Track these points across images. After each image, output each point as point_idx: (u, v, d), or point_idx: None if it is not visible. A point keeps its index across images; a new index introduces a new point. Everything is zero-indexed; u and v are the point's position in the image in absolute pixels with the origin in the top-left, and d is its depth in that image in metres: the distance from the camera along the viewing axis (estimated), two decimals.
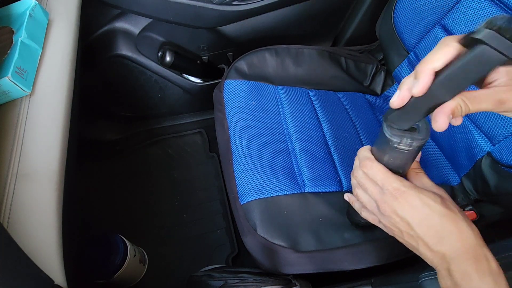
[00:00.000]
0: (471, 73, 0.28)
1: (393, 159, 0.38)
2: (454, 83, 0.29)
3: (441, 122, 0.30)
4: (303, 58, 0.78)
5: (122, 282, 0.76)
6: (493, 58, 0.26)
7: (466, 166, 0.59)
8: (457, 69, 0.28)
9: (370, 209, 0.41)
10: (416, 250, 0.37)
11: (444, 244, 0.34)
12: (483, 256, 0.33)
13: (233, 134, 0.64)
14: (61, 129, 0.45)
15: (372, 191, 0.39)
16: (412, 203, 0.36)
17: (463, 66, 0.28)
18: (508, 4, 0.52)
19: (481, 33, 0.26)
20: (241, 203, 0.57)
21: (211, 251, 0.88)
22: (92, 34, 0.80)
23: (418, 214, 0.35)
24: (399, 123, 0.34)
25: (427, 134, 0.35)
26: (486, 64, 0.27)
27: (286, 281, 0.56)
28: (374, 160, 0.39)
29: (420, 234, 0.35)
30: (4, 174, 0.39)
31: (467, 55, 0.27)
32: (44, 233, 0.37)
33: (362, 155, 0.42)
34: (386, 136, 0.35)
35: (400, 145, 0.35)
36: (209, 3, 0.76)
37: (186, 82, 0.95)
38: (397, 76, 0.76)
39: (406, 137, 0.34)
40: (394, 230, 0.38)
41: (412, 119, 0.34)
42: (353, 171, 0.43)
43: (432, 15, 0.63)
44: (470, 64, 0.27)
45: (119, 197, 0.95)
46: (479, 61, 0.27)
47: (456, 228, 0.34)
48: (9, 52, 0.46)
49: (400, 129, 0.35)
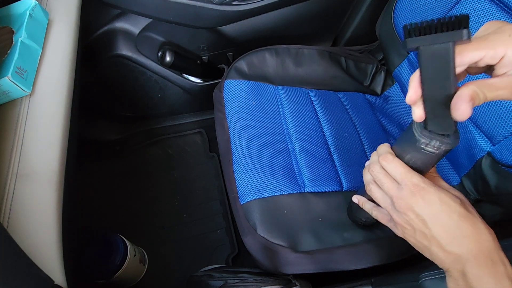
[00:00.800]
0: (438, 68, 0.30)
1: (415, 160, 0.37)
2: (434, 81, 0.31)
3: (462, 109, 0.29)
4: (303, 58, 0.78)
5: (122, 282, 0.76)
6: (437, 50, 0.29)
7: (466, 166, 0.59)
8: (423, 70, 0.31)
9: (384, 205, 0.40)
10: (427, 250, 0.36)
11: (459, 245, 0.33)
12: (500, 261, 0.32)
13: (233, 134, 0.64)
14: (61, 129, 0.45)
15: (388, 186, 0.38)
16: (430, 201, 0.35)
17: (424, 67, 0.31)
18: (508, 4, 0.52)
19: (407, 43, 0.30)
20: (241, 203, 0.57)
21: (211, 251, 0.88)
22: (92, 34, 0.80)
23: (435, 212, 0.34)
24: (433, 127, 0.34)
25: (456, 141, 0.34)
26: (439, 58, 0.29)
27: (286, 281, 0.56)
28: (395, 156, 0.39)
29: (435, 233, 0.34)
30: (4, 174, 0.39)
31: (420, 59, 0.30)
32: (44, 233, 0.37)
33: (383, 149, 0.40)
34: (415, 135, 0.35)
35: (428, 147, 0.34)
36: (209, 3, 0.76)
37: (186, 82, 0.95)
38: (397, 76, 0.76)
39: (436, 139, 0.34)
40: (406, 228, 0.37)
41: (443, 124, 0.33)
42: (369, 166, 0.42)
43: (432, 15, 0.63)
44: (428, 63, 0.30)
45: (119, 197, 0.95)
46: (431, 58, 0.30)
47: (474, 230, 0.33)
48: (9, 52, 0.46)
49: (430, 131, 0.34)
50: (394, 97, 0.79)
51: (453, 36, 0.28)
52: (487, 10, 0.54)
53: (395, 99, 0.79)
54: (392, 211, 0.39)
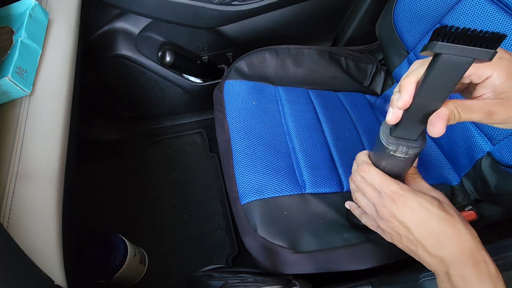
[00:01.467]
0: (445, 80, 0.29)
1: (391, 166, 0.38)
2: (434, 92, 0.30)
3: (439, 127, 0.30)
4: (303, 58, 0.78)
5: (122, 282, 0.76)
6: (456, 62, 0.27)
7: (466, 166, 0.59)
8: (431, 78, 0.29)
9: (369, 213, 0.41)
10: (415, 255, 0.37)
11: (442, 247, 0.34)
12: (482, 260, 0.32)
13: (233, 134, 0.64)
14: (61, 129, 0.45)
15: (370, 195, 0.39)
16: (410, 207, 0.35)
17: (435, 75, 0.29)
18: (508, 4, 0.52)
19: (435, 46, 0.27)
20: (241, 204, 0.57)
21: (211, 251, 0.88)
22: (92, 34, 0.80)
23: (416, 217, 0.35)
24: (400, 133, 0.34)
25: (423, 143, 0.34)
26: (453, 69, 0.28)
27: (286, 281, 0.56)
28: (371, 165, 0.39)
29: (419, 237, 0.35)
30: (4, 174, 0.39)
31: (434, 66, 0.28)
32: (44, 233, 0.37)
33: (360, 159, 0.42)
34: (382, 143, 0.35)
35: (396, 153, 0.35)
36: (209, 3, 0.76)
37: (186, 82, 0.95)
38: (397, 76, 0.76)
39: (402, 145, 0.34)
40: (393, 234, 0.38)
41: (412, 131, 0.34)
42: (352, 175, 0.43)
43: (432, 15, 0.63)
44: (440, 72, 0.28)
45: (119, 197, 0.95)
46: (445, 68, 0.28)
47: (454, 231, 0.34)
48: (9, 52, 0.46)
49: (396, 137, 0.34)
50: None
51: (481, 53, 0.26)
52: (487, 10, 0.54)
53: None
54: (377, 219, 0.39)
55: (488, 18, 0.54)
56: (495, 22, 0.53)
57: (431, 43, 0.27)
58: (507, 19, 0.52)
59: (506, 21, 0.52)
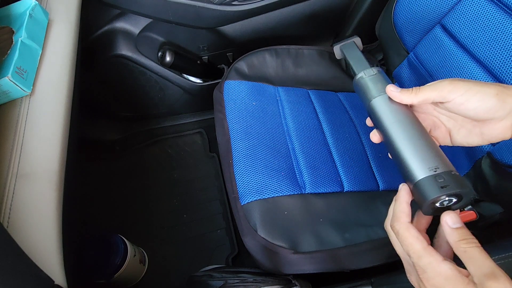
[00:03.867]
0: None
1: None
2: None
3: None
4: (303, 58, 0.78)
5: (122, 282, 0.76)
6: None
7: (466, 166, 0.59)
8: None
9: (403, 261, 0.37)
10: None
11: None
12: None
13: (233, 134, 0.64)
14: (61, 129, 0.45)
15: (400, 253, 0.35)
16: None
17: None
18: (508, 4, 0.52)
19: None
20: (241, 204, 0.57)
21: (211, 251, 0.88)
22: (92, 34, 0.80)
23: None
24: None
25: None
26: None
27: (286, 281, 0.56)
28: (403, 223, 0.34)
29: None
30: (4, 174, 0.39)
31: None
32: (44, 233, 0.37)
33: (394, 210, 0.36)
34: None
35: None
36: (209, 3, 0.76)
37: (186, 82, 0.95)
38: (397, 76, 0.76)
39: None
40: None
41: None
42: (385, 222, 0.38)
43: (432, 15, 0.63)
44: None
45: (119, 197, 0.95)
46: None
47: None
48: (9, 52, 0.46)
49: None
50: None
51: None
52: (487, 10, 0.54)
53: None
54: (412, 272, 0.35)
55: (488, 18, 0.54)
56: (495, 22, 0.53)
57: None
58: (507, 19, 0.52)
59: (506, 21, 0.52)
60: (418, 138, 0.36)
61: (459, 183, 0.32)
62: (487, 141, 0.36)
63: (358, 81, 0.45)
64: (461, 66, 0.57)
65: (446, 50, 0.60)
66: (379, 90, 0.41)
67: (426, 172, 0.33)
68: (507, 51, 0.51)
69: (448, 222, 0.32)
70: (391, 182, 0.65)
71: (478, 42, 0.55)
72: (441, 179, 0.32)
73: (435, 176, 0.33)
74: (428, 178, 0.33)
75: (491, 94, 0.32)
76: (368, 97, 0.42)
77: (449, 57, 0.60)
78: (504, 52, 0.51)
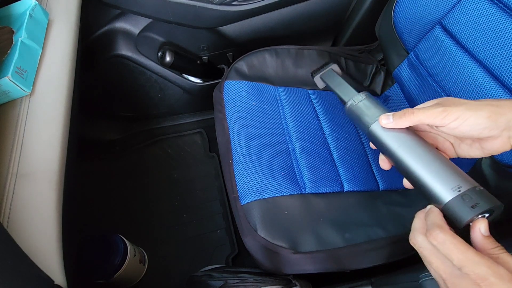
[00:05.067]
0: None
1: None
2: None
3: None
4: (303, 58, 0.78)
5: (122, 282, 0.76)
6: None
7: (466, 166, 0.59)
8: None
9: (435, 278, 0.34)
10: None
11: None
12: None
13: (233, 135, 0.64)
14: (61, 129, 0.45)
15: (439, 267, 0.32)
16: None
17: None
18: (508, 4, 0.52)
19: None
20: (241, 204, 0.57)
21: (211, 251, 0.88)
22: (92, 34, 0.80)
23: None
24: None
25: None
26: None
27: (286, 281, 0.56)
28: (447, 231, 0.31)
29: None
30: (4, 174, 0.39)
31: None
32: (44, 233, 0.37)
33: (431, 220, 0.33)
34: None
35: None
36: (209, 3, 0.76)
37: (186, 82, 0.95)
38: (397, 76, 0.76)
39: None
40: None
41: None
42: (413, 235, 0.34)
43: (432, 15, 0.63)
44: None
45: (119, 197, 0.95)
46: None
47: None
48: (9, 52, 0.46)
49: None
50: (394, 97, 0.79)
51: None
52: (487, 10, 0.54)
53: (395, 99, 0.79)
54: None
55: (488, 18, 0.54)
56: (495, 22, 0.53)
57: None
58: (507, 19, 0.52)
59: (506, 21, 0.52)
60: (431, 159, 0.35)
61: (487, 199, 0.32)
62: (488, 154, 0.36)
63: (350, 109, 0.44)
64: (461, 66, 0.57)
65: (446, 50, 0.60)
66: (373, 116, 0.41)
67: (451, 194, 0.32)
68: (507, 51, 0.51)
69: (482, 230, 0.32)
70: (391, 182, 0.65)
71: (478, 42, 0.55)
72: (468, 198, 0.32)
73: (462, 196, 0.32)
74: (455, 200, 0.32)
75: (483, 116, 0.33)
76: (366, 124, 0.41)
77: (449, 57, 0.60)
78: (504, 52, 0.51)
